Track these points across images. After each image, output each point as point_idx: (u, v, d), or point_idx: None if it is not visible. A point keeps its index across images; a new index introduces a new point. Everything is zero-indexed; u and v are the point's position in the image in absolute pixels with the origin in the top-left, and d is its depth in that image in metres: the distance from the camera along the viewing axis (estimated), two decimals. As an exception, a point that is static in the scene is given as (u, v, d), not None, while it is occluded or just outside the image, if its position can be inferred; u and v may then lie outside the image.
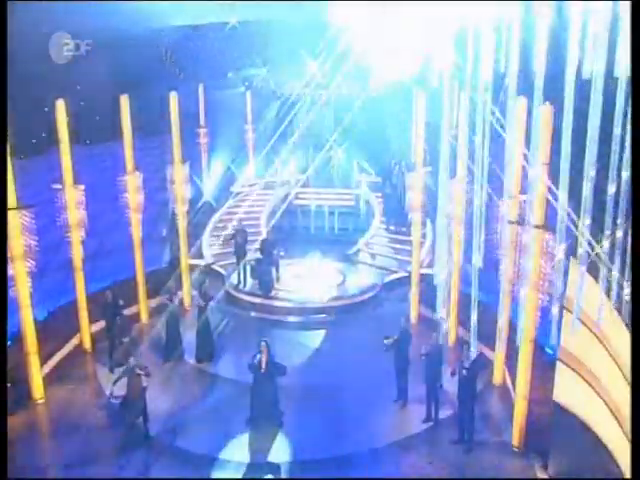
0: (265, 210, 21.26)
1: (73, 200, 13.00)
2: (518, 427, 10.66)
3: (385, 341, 11.78)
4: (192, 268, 16.19)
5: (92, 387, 12.64)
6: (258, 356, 10.80)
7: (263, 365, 10.76)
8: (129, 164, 14.24)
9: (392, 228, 20.04)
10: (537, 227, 9.62)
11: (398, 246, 18.92)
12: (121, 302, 13.19)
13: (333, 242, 19.59)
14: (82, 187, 13.02)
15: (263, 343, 10.88)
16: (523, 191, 11.13)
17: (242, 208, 20.20)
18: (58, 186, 12.89)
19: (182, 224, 15.86)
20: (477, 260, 12.00)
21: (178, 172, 15.29)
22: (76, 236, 13.27)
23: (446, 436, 11.01)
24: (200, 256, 18.05)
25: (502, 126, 11.02)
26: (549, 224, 9.54)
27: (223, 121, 22.95)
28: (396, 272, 17.46)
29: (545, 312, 10.26)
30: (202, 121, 22.17)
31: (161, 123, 15.83)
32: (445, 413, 11.50)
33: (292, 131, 23.52)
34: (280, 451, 10.63)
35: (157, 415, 11.27)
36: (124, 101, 13.97)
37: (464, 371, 10.37)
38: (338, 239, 19.94)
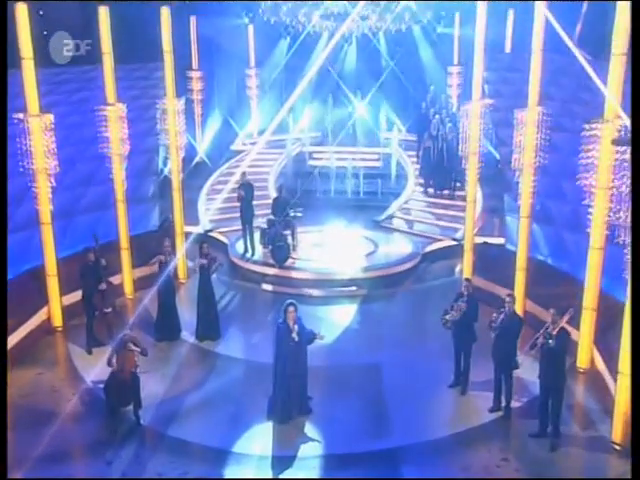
0: (273, 172, 20.37)
1: (40, 134, 11.93)
2: (620, 418, 9.56)
3: (447, 316, 10.75)
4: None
5: (64, 371, 11.75)
6: (294, 326, 9.86)
7: (294, 333, 9.82)
8: (110, 93, 13.23)
9: (431, 191, 19.15)
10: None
11: (440, 211, 18.21)
12: (104, 262, 12.15)
13: (359, 208, 18.85)
14: (51, 117, 11.97)
15: (291, 307, 9.87)
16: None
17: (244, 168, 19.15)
18: (20, 115, 11.83)
19: (176, 178, 14.81)
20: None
21: (171, 110, 14.23)
22: (44, 182, 12.22)
23: (523, 428, 10.04)
24: (196, 222, 17.14)
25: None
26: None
27: (220, 63, 21.96)
28: (440, 240, 16.63)
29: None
30: (195, 63, 21.19)
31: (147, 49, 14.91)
32: (517, 402, 10.54)
33: (306, 75, 22.61)
34: (310, 442, 9.77)
35: (151, 402, 10.42)
36: (104, 13, 12.95)
37: (551, 341, 9.27)
38: (364, 204, 19.16)
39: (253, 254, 15.64)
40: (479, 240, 15.48)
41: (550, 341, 9.29)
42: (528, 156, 12.13)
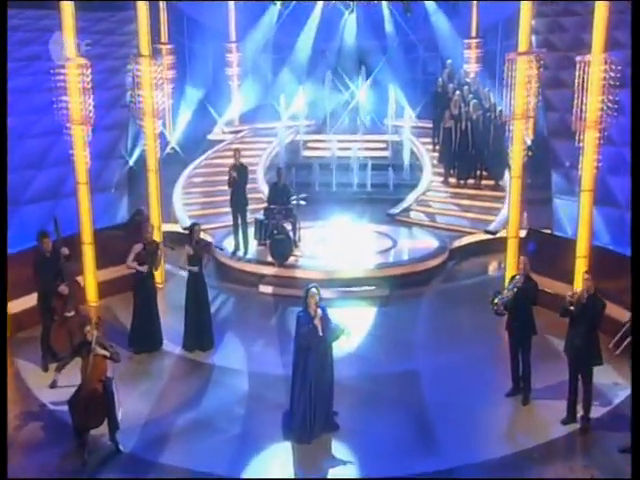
0: (262, 162, 19.67)
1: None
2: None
3: (495, 300, 10.09)
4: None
5: (12, 392, 10.54)
6: (317, 311, 9.13)
7: (319, 325, 9.09)
8: (70, 47, 12.35)
9: (452, 180, 18.65)
10: None
11: (465, 202, 17.85)
12: (66, 251, 11.15)
13: (367, 201, 18.50)
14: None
15: (313, 290, 9.16)
16: None
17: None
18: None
19: (152, 157, 13.91)
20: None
21: (147, 71, 13.33)
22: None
23: (609, 443, 9.28)
24: (171, 219, 16.33)
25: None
26: None
27: (194, 37, 21.41)
28: (471, 233, 16.22)
29: None
30: (164, 35, 20.44)
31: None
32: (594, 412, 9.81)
33: (298, 52, 22.02)
34: (341, 465, 9.06)
35: (132, 423, 9.57)
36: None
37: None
38: (373, 198, 18.72)
39: (246, 252, 14.86)
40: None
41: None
42: (592, 115, 11.49)
